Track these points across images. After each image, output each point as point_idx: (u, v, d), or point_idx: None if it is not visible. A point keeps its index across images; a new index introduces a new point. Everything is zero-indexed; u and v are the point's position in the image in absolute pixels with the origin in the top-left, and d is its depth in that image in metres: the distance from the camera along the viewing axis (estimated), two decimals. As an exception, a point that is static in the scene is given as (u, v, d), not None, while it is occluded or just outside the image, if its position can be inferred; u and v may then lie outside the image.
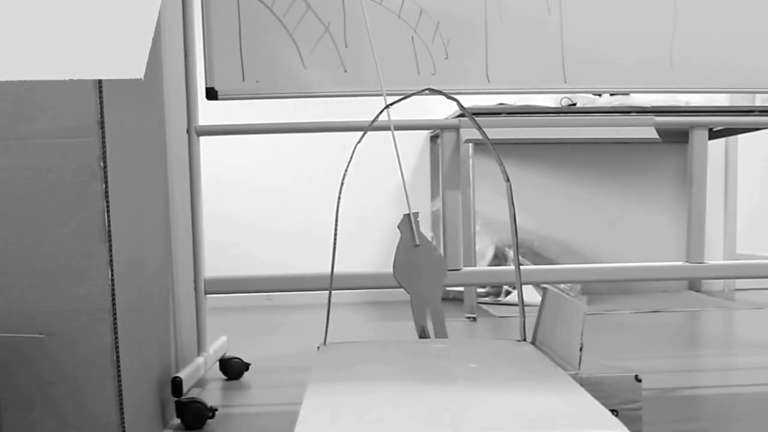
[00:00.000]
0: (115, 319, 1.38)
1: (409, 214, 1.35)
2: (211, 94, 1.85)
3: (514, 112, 2.61)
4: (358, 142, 1.42)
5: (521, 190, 3.46)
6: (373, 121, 1.46)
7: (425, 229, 3.48)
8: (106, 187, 1.39)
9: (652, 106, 2.79)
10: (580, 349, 1.04)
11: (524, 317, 1.32)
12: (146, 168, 1.62)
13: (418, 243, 1.35)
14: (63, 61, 1.02)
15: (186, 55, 1.83)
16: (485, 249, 3.21)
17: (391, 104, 1.40)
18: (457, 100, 1.36)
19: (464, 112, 1.38)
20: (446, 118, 2.50)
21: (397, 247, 1.36)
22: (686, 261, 2.01)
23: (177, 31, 1.85)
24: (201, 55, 1.85)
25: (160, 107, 1.73)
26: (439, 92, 1.39)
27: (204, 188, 1.97)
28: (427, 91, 1.40)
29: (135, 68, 1.03)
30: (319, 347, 1.27)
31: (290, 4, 1.83)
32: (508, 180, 1.38)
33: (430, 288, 1.37)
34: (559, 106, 2.94)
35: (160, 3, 1.14)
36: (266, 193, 3.50)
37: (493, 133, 1.85)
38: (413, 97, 1.96)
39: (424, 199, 3.51)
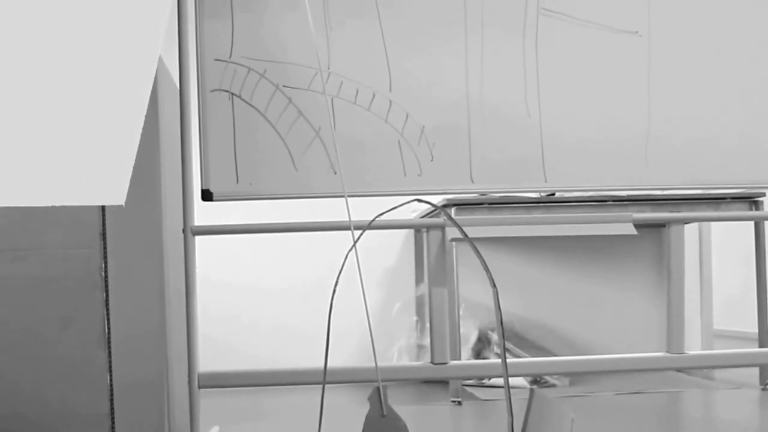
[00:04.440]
0: (113, 423, 1.42)
1: (378, 387, 1.43)
2: (207, 195, 1.92)
3: (496, 202, 2.69)
4: (350, 250, 1.48)
5: (502, 272, 3.52)
6: (364, 231, 1.53)
7: (410, 313, 3.53)
8: (107, 295, 1.44)
9: (629, 195, 2.88)
10: (568, 459, 1.09)
11: (512, 418, 1.37)
12: (144, 269, 1.68)
13: (384, 414, 1.43)
14: (50, 189, 1.07)
15: (183, 159, 1.90)
16: (469, 333, 3.26)
17: (382, 214, 1.47)
18: (444, 210, 1.43)
19: (453, 223, 1.45)
20: (433, 210, 2.58)
21: (366, 417, 1.43)
22: (667, 351, 2.08)
23: (175, 136, 1.93)
24: (197, 158, 1.93)
25: (158, 209, 1.79)
26: (429, 203, 1.46)
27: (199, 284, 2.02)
28: (415, 201, 1.47)
29: (117, 196, 1.08)
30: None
31: (283, 111, 1.92)
32: (494, 285, 1.44)
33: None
34: (539, 195, 3.04)
35: (140, 135, 1.18)
36: (255, 287, 3.54)
37: (476, 231, 1.93)
38: (399, 189, 2.04)
39: (408, 283, 3.57)
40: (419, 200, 1.46)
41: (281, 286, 3.57)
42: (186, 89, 1.93)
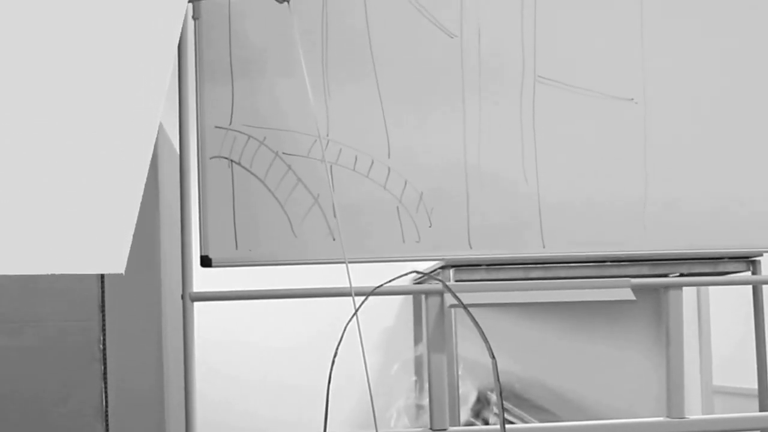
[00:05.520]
0: (110, 497, 1.40)
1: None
2: (206, 261, 1.92)
3: (494, 263, 2.69)
4: (351, 318, 1.48)
5: (500, 332, 3.51)
6: (363, 301, 1.53)
7: (409, 374, 3.51)
8: (105, 368, 1.43)
9: (626, 254, 2.88)
10: None
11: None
12: (142, 339, 1.67)
13: None
14: (48, 257, 1.07)
15: (182, 226, 1.91)
16: (468, 393, 3.24)
17: (380, 286, 1.48)
18: (444, 282, 1.43)
19: (453, 295, 1.45)
20: (432, 271, 2.58)
21: None
22: (667, 416, 2.07)
23: (174, 203, 1.94)
24: (196, 224, 1.93)
25: (157, 276, 1.79)
26: (425, 274, 1.47)
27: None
28: (413, 274, 1.47)
29: (116, 264, 1.08)
30: None
31: (282, 177, 1.93)
32: (493, 357, 1.44)
33: None
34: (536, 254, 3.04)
35: (140, 203, 1.18)
36: (254, 345, 3.53)
37: (475, 297, 1.94)
38: (398, 256, 2.05)
39: (407, 343, 3.55)
40: (417, 272, 1.46)
41: (280, 344, 3.55)
42: (186, 156, 1.94)
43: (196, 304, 1.96)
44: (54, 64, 1.15)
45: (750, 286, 2.94)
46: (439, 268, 2.80)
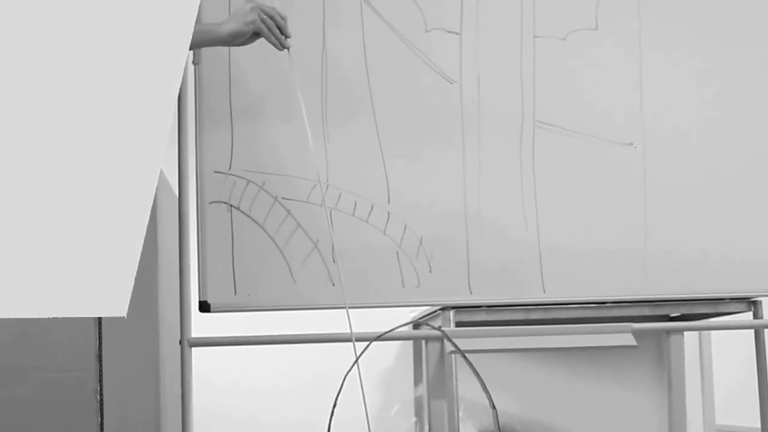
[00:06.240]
0: None
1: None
2: (204, 307, 1.91)
3: (494, 305, 2.67)
4: (349, 370, 1.47)
5: (501, 372, 3.48)
6: (363, 351, 1.52)
7: (408, 415, 3.48)
8: (102, 419, 1.42)
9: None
10: None
11: None
12: (140, 388, 1.66)
13: None
14: (48, 301, 1.06)
15: (181, 271, 1.90)
16: (469, 434, 3.21)
17: (381, 336, 1.47)
18: (449, 338, 1.42)
19: (454, 346, 1.44)
20: (429, 314, 2.56)
21: None
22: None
23: (173, 248, 1.93)
24: (195, 269, 1.92)
25: (155, 322, 1.78)
26: (426, 323, 1.46)
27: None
28: (414, 314, 1.46)
29: (118, 307, 1.07)
30: None
31: (281, 222, 1.92)
32: (494, 407, 1.43)
33: None
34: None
35: (141, 246, 1.17)
36: (253, 387, 3.49)
37: (475, 343, 1.92)
38: (398, 301, 2.04)
39: (407, 383, 3.52)
40: (416, 322, 1.45)
41: (279, 388, 3.52)
42: (185, 201, 1.94)
43: (194, 348, 1.95)
44: (56, 107, 1.15)
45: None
46: (439, 309, 2.79)
